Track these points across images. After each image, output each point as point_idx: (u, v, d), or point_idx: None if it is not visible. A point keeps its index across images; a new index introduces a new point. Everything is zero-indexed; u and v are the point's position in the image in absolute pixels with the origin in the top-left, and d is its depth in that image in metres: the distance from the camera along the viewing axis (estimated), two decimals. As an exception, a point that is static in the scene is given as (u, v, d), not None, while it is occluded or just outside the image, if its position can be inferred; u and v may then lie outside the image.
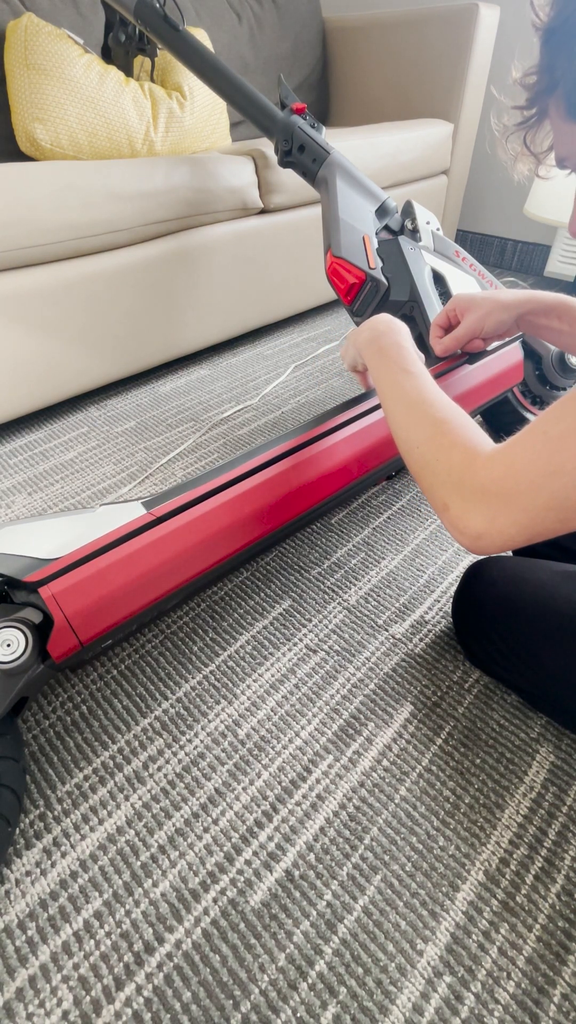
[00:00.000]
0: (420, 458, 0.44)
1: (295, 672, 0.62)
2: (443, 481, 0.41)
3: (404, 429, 0.46)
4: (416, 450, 0.44)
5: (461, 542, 0.41)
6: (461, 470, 0.40)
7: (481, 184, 1.80)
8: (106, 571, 0.49)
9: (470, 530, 0.39)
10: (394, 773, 0.53)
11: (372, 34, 1.53)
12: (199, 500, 0.55)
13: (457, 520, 0.40)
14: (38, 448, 1.00)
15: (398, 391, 0.48)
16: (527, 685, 0.55)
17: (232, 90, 0.90)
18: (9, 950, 0.42)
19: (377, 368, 0.52)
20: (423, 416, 0.45)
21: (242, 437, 1.02)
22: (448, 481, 0.41)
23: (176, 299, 1.10)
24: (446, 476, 0.41)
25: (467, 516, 0.39)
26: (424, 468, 0.43)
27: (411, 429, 0.45)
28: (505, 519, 0.37)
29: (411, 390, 0.47)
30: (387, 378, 0.50)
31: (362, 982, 0.41)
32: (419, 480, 0.44)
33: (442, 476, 0.41)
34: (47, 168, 0.85)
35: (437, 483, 0.42)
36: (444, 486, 0.41)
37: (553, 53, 0.37)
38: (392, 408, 0.48)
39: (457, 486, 0.40)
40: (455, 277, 0.83)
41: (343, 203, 0.82)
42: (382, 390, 0.50)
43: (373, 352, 0.53)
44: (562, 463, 0.34)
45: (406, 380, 0.48)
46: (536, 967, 0.42)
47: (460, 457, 0.41)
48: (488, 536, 0.38)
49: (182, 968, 0.42)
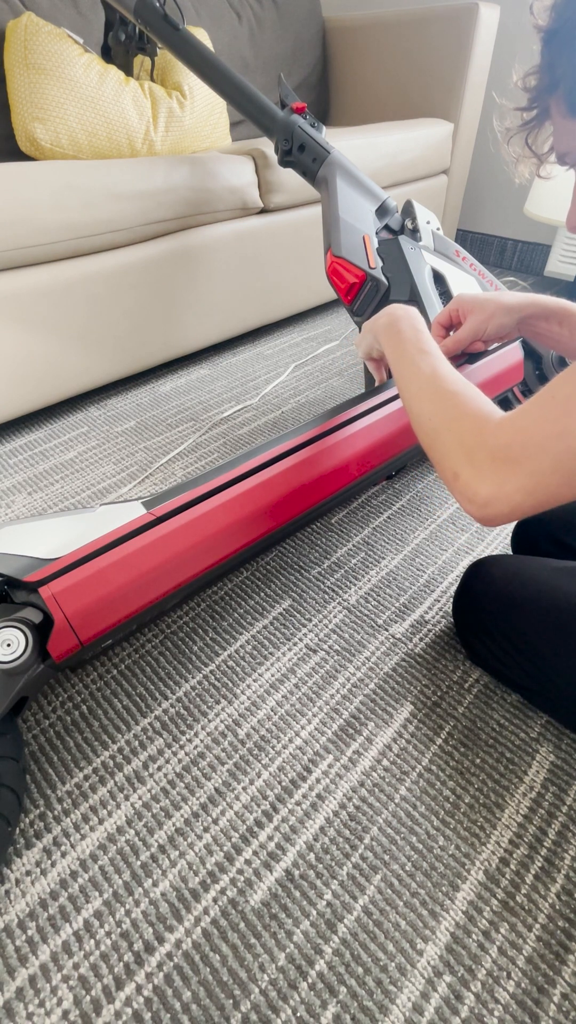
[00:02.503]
0: (431, 430, 0.45)
1: (295, 672, 0.62)
2: (453, 450, 0.42)
3: (417, 403, 0.47)
4: (428, 423, 0.45)
5: (470, 511, 0.41)
6: (471, 437, 0.41)
7: (481, 184, 1.80)
8: (106, 571, 0.48)
9: (479, 497, 0.39)
10: (394, 773, 0.53)
11: (372, 34, 1.53)
12: (199, 500, 0.54)
13: (466, 488, 0.40)
14: (38, 448, 1.00)
15: (413, 369, 0.49)
16: (527, 682, 0.55)
17: (232, 89, 0.90)
18: (9, 950, 0.42)
19: (394, 349, 0.53)
20: (435, 390, 0.46)
21: (242, 437, 1.02)
22: (458, 450, 0.41)
23: (176, 299, 1.10)
24: (456, 445, 0.42)
25: (476, 483, 0.39)
26: (435, 439, 0.44)
27: (423, 403, 0.47)
28: (512, 484, 0.38)
29: (425, 367, 0.48)
30: (403, 358, 0.51)
31: (362, 982, 0.41)
32: (430, 453, 0.45)
33: (452, 445, 0.42)
34: (47, 168, 0.85)
35: (448, 452, 0.42)
36: (454, 455, 0.42)
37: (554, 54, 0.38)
38: (406, 386, 0.49)
39: (467, 453, 0.41)
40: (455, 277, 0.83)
41: (343, 203, 0.82)
42: (398, 370, 0.51)
43: (391, 335, 0.54)
44: (568, 425, 0.35)
45: (421, 359, 0.50)
46: (536, 967, 0.42)
47: (470, 424, 0.42)
48: (496, 502, 0.39)
49: (182, 968, 0.42)
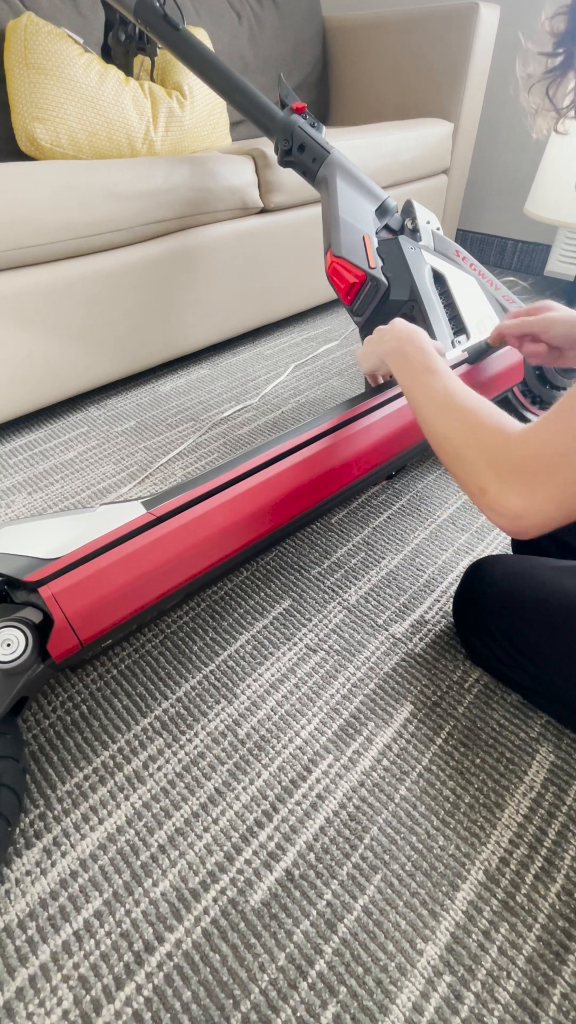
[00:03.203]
0: (452, 448, 0.45)
1: (295, 672, 0.62)
2: (478, 466, 0.42)
3: (435, 424, 0.47)
4: (448, 442, 0.45)
5: (500, 525, 0.41)
6: (495, 451, 0.41)
7: (481, 184, 1.80)
8: (106, 571, 0.48)
9: (509, 511, 0.39)
10: (394, 773, 0.53)
11: (372, 33, 1.53)
12: (199, 500, 0.54)
13: (495, 502, 0.40)
14: (38, 448, 1.00)
15: (426, 391, 0.49)
16: (528, 681, 0.55)
17: (232, 89, 0.90)
18: (9, 949, 0.42)
19: (403, 373, 0.53)
20: (451, 408, 0.46)
21: (242, 437, 1.02)
22: (483, 465, 0.41)
23: (176, 299, 1.10)
24: (480, 460, 0.42)
25: (504, 497, 0.39)
26: (457, 457, 0.44)
27: (441, 422, 0.46)
28: (542, 495, 0.37)
29: (438, 387, 0.48)
30: (414, 380, 0.51)
31: (362, 981, 0.41)
32: (453, 471, 0.45)
33: (476, 461, 0.42)
34: (47, 168, 0.85)
35: (472, 469, 0.42)
36: (479, 471, 0.41)
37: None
38: (421, 407, 0.49)
39: (492, 468, 0.40)
40: (455, 277, 0.83)
41: (343, 202, 0.82)
42: (411, 392, 0.51)
43: (398, 359, 0.54)
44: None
45: (432, 379, 0.49)
46: (536, 967, 0.42)
47: (492, 439, 0.41)
48: (527, 515, 0.38)
49: (182, 968, 0.42)
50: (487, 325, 0.81)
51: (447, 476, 0.92)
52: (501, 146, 1.71)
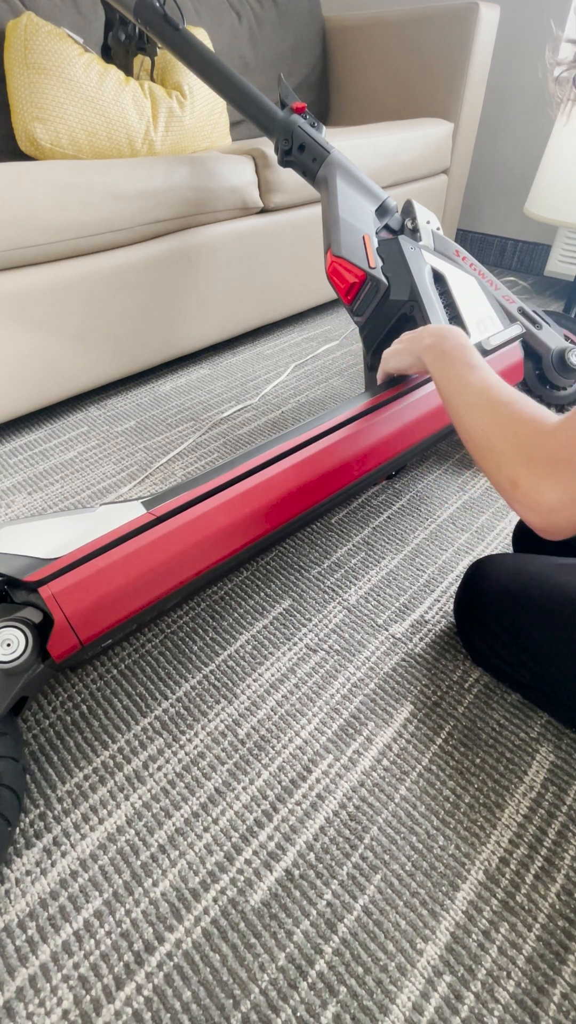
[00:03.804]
0: (485, 441, 0.44)
1: (295, 672, 0.62)
2: (510, 458, 0.41)
3: (468, 417, 0.47)
4: (481, 433, 0.45)
5: (532, 521, 0.40)
6: (529, 442, 0.41)
7: (481, 184, 1.80)
8: (106, 571, 0.49)
9: (543, 504, 0.39)
10: (394, 773, 0.53)
11: (372, 33, 1.53)
12: (199, 500, 0.55)
13: (527, 497, 0.40)
14: (38, 448, 1.00)
15: (462, 384, 0.49)
16: (529, 679, 0.55)
17: (232, 89, 0.90)
18: (9, 949, 0.42)
19: (441, 367, 0.53)
20: (486, 401, 0.46)
21: (242, 437, 1.02)
22: (516, 457, 0.41)
23: (176, 298, 1.10)
24: (513, 452, 0.41)
25: (538, 489, 0.39)
26: (489, 450, 0.44)
27: (475, 415, 0.46)
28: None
29: (475, 380, 0.49)
30: (451, 374, 0.51)
31: (362, 981, 0.41)
32: (484, 465, 0.45)
33: (509, 453, 0.42)
34: (47, 167, 0.85)
35: (504, 462, 0.42)
36: (512, 463, 0.41)
37: None
38: (456, 401, 0.49)
39: (526, 460, 0.40)
40: (455, 277, 0.83)
41: (343, 202, 0.82)
42: (447, 386, 0.51)
43: (437, 355, 0.55)
44: None
45: (470, 373, 0.50)
46: (536, 966, 0.42)
47: (527, 430, 0.41)
48: (562, 507, 0.38)
49: (182, 967, 0.42)
50: (487, 325, 0.81)
51: (447, 476, 0.92)
52: (501, 146, 1.71)
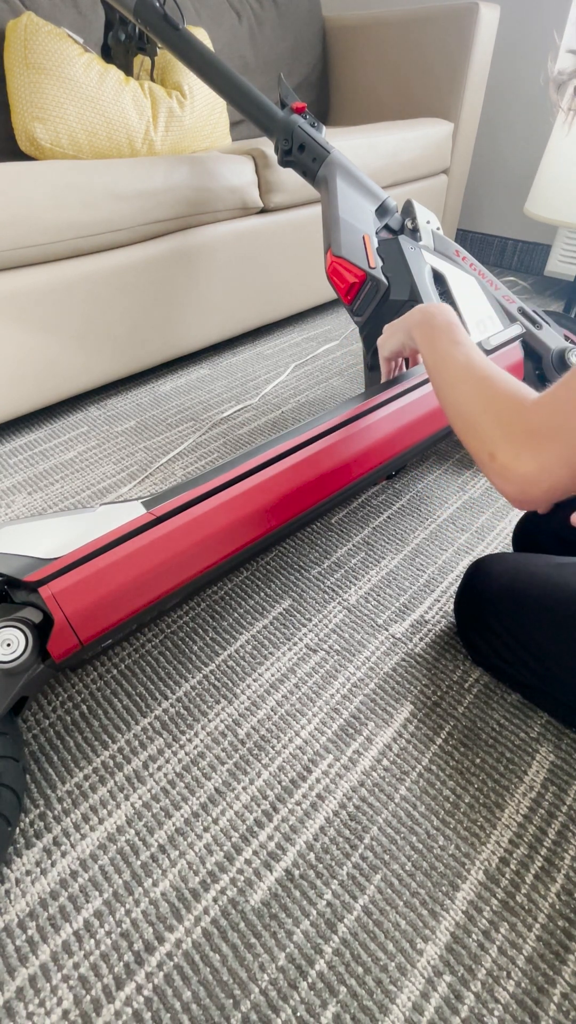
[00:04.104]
0: (467, 414, 0.45)
1: (295, 672, 0.62)
2: (490, 431, 0.42)
3: (451, 392, 0.48)
4: (463, 407, 0.46)
5: (507, 492, 0.41)
6: (509, 415, 0.41)
7: (481, 184, 1.80)
8: (106, 571, 0.48)
9: (518, 475, 0.39)
10: (394, 773, 0.53)
11: (372, 33, 1.53)
12: (199, 500, 0.54)
13: (504, 468, 0.40)
14: (38, 448, 1.00)
15: (447, 360, 0.50)
16: (530, 678, 0.55)
17: (232, 89, 0.90)
18: (9, 949, 0.42)
19: (428, 342, 0.54)
20: (469, 376, 0.47)
21: (242, 437, 1.02)
22: (495, 430, 0.42)
23: (176, 298, 1.10)
24: (493, 425, 0.42)
25: (515, 461, 0.40)
26: (470, 424, 0.45)
27: (458, 390, 0.47)
28: (553, 456, 0.38)
29: (460, 356, 0.49)
30: (438, 349, 0.52)
31: (362, 981, 0.41)
32: (465, 437, 0.45)
33: (488, 426, 0.43)
34: (47, 167, 0.85)
35: (483, 435, 0.43)
36: (491, 436, 0.42)
37: None
38: (441, 376, 0.50)
39: (505, 432, 0.41)
40: (455, 276, 0.83)
41: (343, 202, 0.82)
42: (432, 361, 0.52)
43: (425, 331, 0.55)
44: None
45: (455, 349, 0.50)
46: (536, 966, 0.42)
47: (506, 404, 0.42)
48: (537, 480, 0.39)
49: (182, 967, 0.42)
50: (487, 325, 0.81)
51: (447, 476, 0.92)
52: (501, 146, 1.71)
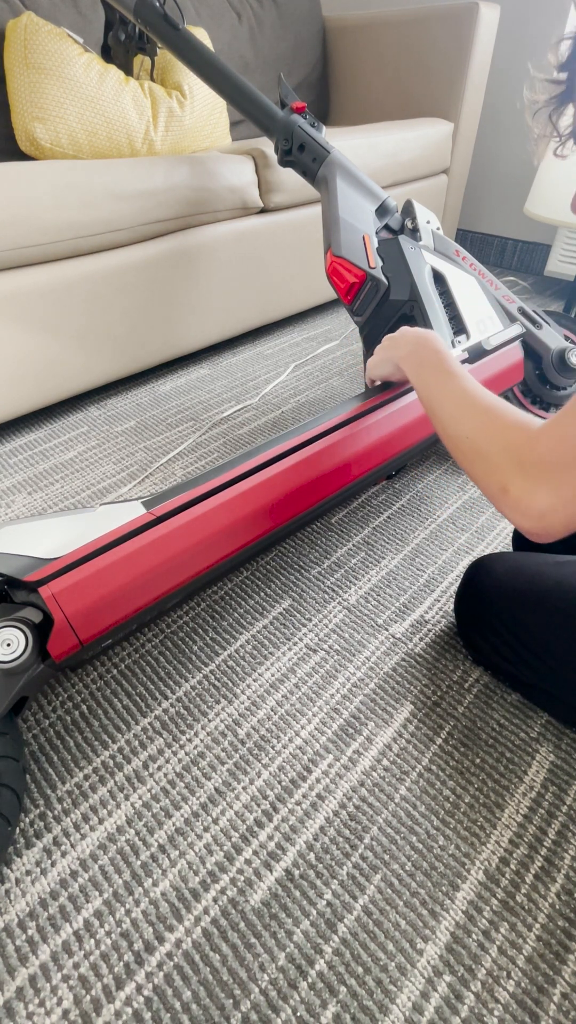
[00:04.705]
0: (471, 449, 0.44)
1: (295, 671, 0.62)
2: (498, 464, 0.41)
3: (453, 425, 0.47)
4: (466, 441, 0.45)
5: (524, 526, 0.40)
6: (518, 448, 0.40)
7: (481, 184, 1.80)
8: (106, 571, 0.48)
9: (534, 508, 0.38)
10: (394, 773, 0.53)
11: (372, 33, 1.53)
12: (199, 500, 0.55)
13: (519, 501, 0.39)
14: (38, 448, 1.00)
15: (443, 393, 0.49)
16: (530, 677, 0.55)
17: (232, 89, 0.90)
18: (9, 949, 0.42)
19: (419, 377, 0.53)
20: (469, 408, 0.46)
21: (242, 437, 1.02)
22: (504, 462, 0.41)
23: (176, 298, 1.10)
24: (502, 458, 0.41)
25: (530, 494, 0.38)
26: (476, 457, 0.43)
27: (459, 423, 0.46)
28: (569, 489, 0.37)
29: (455, 388, 0.48)
30: (431, 383, 0.51)
31: (362, 981, 0.41)
32: (472, 472, 0.44)
33: (497, 459, 0.41)
34: (47, 167, 0.85)
35: (492, 468, 0.42)
36: (500, 469, 0.41)
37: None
38: (439, 409, 0.49)
39: (515, 465, 0.40)
40: (455, 276, 0.83)
41: (343, 202, 0.82)
42: (427, 396, 0.51)
43: (413, 364, 0.54)
44: None
45: (449, 381, 0.49)
46: (536, 966, 0.42)
47: (514, 436, 0.41)
48: (553, 511, 0.37)
49: (182, 967, 0.42)
50: (487, 325, 0.81)
51: (447, 476, 0.92)
52: (501, 146, 1.71)
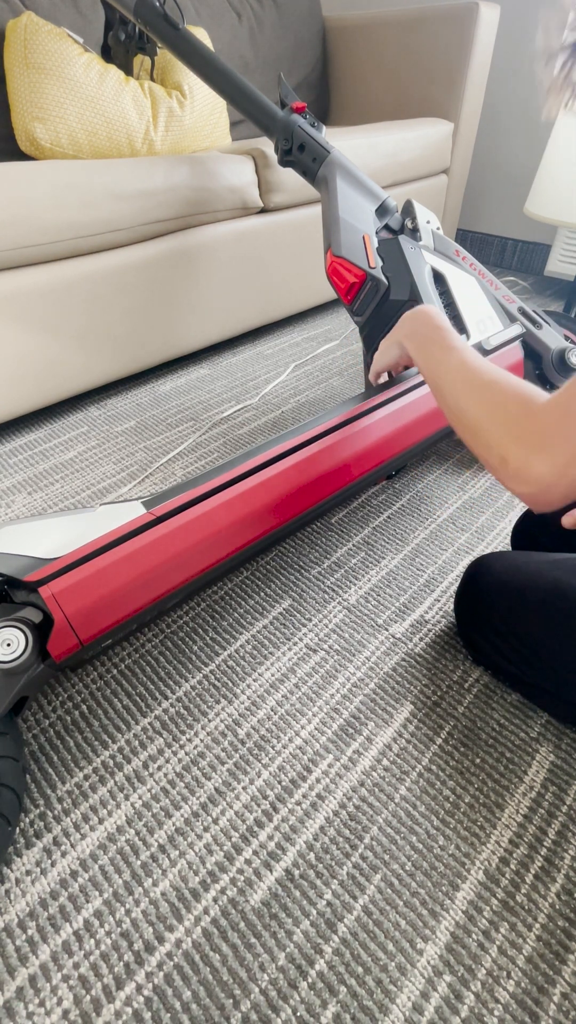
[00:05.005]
0: (473, 421, 0.44)
1: (295, 671, 0.62)
2: (500, 436, 0.41)
3: (454, 399, 0.47)
4: (468, 413, 0.45)
5: (523, 494, 0.40)
6: (519, 418, 0.40)
7: (481, 183, 1.80)
8: (106, 571, 0.48)
9: (533, 478, 0.39)
10: (394, 772, 0.53)
11: (372, 33, 1.53)
12: (199, 500, 0.54)
13: (518, 471, 0.39)
14: (38, 448, 1.00)
15: (444, 368, 0.49)
16: (530, 676, 0.55)
17: (232, 89, 0.90)
18: (9, 949, 0.42)
19: (421, 353, 0.53)
20: (471, 381, 0.46)
21: (242, 437, 1.02)
22: (505, 434, 0.41)
23: (176, 298, 1.10)
24: (503, 429, 0.41)
25: (529, 464, 0.39)
26: (478, 430, 0.43)
27: (461, 397, 0.46)
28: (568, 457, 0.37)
29: (456, 363, 0.48)
30: (432, 358, 0.51)
31: (362, 981, 0.41)
32: (473, 444, 0.44)
33: (498, 431, 0.41)
34: (47, 167, 0.85)
35: (493, 440, 0.42)
36: (501, 441, 0.41)
37: None
38: (441, 383, 0.49)
39: (516, 436, 0.40)
40: (455, 276, 0.83)
41: (343, 202, 0.82)
42: (430, 372, 0.51)
43: (416, 342, 0.54)
44: None
45: (451, 355, 0.49)
46: (536, 966, 0.42)
47: (516, 407, 0.41)
48: (553, 481, 0.38)
49: (182, 967, 0.42)
50: (487, 325, 0.81)
51: (447, 476, 0.92)
52: (501, 146, 1.71)
